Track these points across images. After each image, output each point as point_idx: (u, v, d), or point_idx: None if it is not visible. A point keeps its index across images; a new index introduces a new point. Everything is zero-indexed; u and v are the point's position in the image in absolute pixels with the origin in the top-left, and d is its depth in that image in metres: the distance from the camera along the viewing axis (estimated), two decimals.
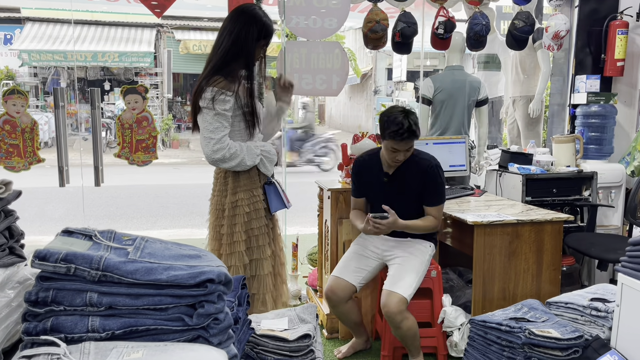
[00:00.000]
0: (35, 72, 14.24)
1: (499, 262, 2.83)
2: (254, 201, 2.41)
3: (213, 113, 2.27)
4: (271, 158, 2.45)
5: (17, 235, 1.33)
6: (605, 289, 2.28)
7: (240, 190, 2.40)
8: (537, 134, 4.51)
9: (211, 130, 2.28)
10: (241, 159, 2.32)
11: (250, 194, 2.41)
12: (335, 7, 3.58)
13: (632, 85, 4.09)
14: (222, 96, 2.26)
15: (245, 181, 2.41)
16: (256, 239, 2.42)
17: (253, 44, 2.34)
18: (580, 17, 4.10)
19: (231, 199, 2.40)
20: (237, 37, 2.31)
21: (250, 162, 2.36)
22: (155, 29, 14.24)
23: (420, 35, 3.84)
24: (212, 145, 2.27)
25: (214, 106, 2.26)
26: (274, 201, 2.47)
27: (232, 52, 2.32)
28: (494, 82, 4.80)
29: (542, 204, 3.48)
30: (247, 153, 2.34)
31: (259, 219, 2.42)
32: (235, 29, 2.32)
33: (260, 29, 2.34)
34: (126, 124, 3.68)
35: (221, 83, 2.28)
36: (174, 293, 1.17)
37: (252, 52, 2.35)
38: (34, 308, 1.14)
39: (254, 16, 2.34)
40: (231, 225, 2.40)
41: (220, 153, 2.28)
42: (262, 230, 2.44)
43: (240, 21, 2.32)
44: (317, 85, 3.66)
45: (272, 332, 1.85)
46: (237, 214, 2.39)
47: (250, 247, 2.41)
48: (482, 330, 2.22)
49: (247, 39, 2.31)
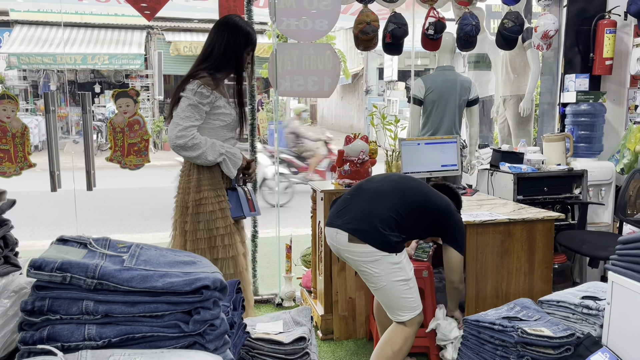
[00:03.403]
0: (25, 75, 14.14)
1: (491, 261, 2.86)
2: (219, 200, 2.47)
3: (188, 102, 2.38)
4: (235, 161, 2.51)
5: (11, 244, 1.33)
6: (596, 287, 2.31)
7: (204, 189, 2.46)
8: (528, 132, 4.55)
9: (181, 117, 2.38)
10: (202, 151, 2.39)
11: (215, 193, 2.47)
12: (325, 8, 3.59)
13: (621, 83, 4.13)
14: (202, 89, 2.39)
15: (209, 180, 2.47)
16: (221, 238, 2.47)
17: (241, 51, 2.54)
18: (569, 17, 4.14)
19: (195, 197, 2.46)
20: (227, 46, 2.50)
21: (211, 157, 2.42)
22: (145, 31, 14.19)
23: (411, 35, 3.87)
24: (177, 130, 2.36)
25: (192, 96, 2.38)
26: (233, 207, 2.53)
27: (224, 60, 2.50)
28: (484, 81, 4.82)
29: (534, 202, 3.51)
30: (210, 148, 2.41)
31: (224, 218, 2.48)
32: (224, 39, 2.51)
33: (246, 38, 2.55)
34: (118, 127, 3.67)
35: (205, 79, 2.42)
36: (169, 300, 1.18)
37: (242, 59, 2.55)
38: (30, 317, 1.15)
39: (239, 27, 2.54)
40: (195, 222, 2.46)
41: (183, 140, 2.36)
42: (228, 229, 2.49)
43: (228, 32, 2.52)
44: (308, 87, 3.67)
45: (267, 336, 1.86)
46: (201, 212, 2.45)
47: (214, 245, 2.46)
48: (476, 329, 2.24)
49: (236, 47, 2.52)
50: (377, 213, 2.30)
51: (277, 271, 3.92)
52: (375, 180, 2.51)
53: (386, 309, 2.42)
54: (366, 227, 2.28)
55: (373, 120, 3.99)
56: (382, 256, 2.27)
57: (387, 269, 2.29)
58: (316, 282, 3.56)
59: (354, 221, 2.31)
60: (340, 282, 3.24)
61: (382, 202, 2.33)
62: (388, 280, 2.30)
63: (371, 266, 2.29)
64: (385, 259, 2.28)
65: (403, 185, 2.44)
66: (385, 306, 2.42)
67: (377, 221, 2.28)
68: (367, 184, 2.49)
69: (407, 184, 2.46)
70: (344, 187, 3.26)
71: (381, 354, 2.39)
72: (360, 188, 2.47)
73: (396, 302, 2.35)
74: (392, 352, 2.36)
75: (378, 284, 2.33)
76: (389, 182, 2.47)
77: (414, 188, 2.44)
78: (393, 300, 2.36)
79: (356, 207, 2.36)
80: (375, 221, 2.28)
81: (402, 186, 2.43)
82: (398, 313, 2.37)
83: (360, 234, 2.28)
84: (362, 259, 2.30)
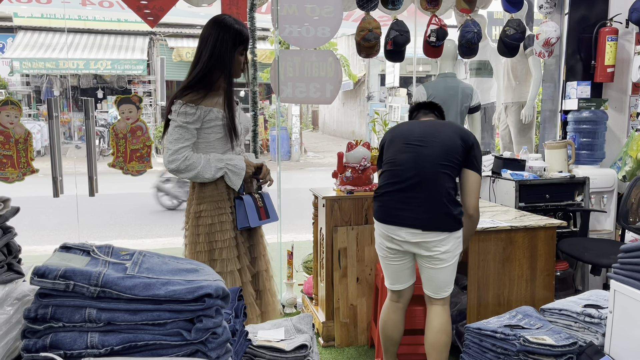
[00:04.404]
0: (28, 80, 14.20)
1: (493, 268, 2.86)
2: (218, 213, 2.38)
3: (175, 124, 2.32)
4: (237, 172, 2.39)
5: (15, 251, 1.34)
6: (599, 295, 2.31)
7: (205, 202, 2.39)
8: (530, 139, 4.55)
9: (170, 141, 2.32)
10: (197, 171, 2.32)
11: (215, 205, 2.39)
12: (328, 15, 3.61)
13: (623, 91, 4.13)
14: (186, 108, 2.29)
15: (211, 192, 2.39)
16: (220, 252, 2.38)
17: (229, 52, 2.35)
18: (571, 24, 4.15)
19: (195, 209, 2.40)
20: (213, 48, 2.33)
21: (209, 175, 2.34)
22: (148, 37, 14.25)
23: (413, 41, 3.88)
24: (169, 155, 2.32)
25: (177, 118, 2.30)
26: (240, 217, 2.42)
27: (210, 64, 2.34)
28: (486, 88, 4.83)
29: (536, 209, 3.51)
30: (205, 166, 2.32)
31: (223, 232, 2.38)
32: (210, 41, 2.34)
33: (235, 37, 2.36)
34: (120, 133, 3.69)
35: (188, 96, 2.31)
36: (172, 308, 1.17)
37: (231, 61, 2.37)
38: (33, 325, 1.15)
39: (225, 25, 2.36)
40: (195, 234, 2.40)
41: (175, 164, 2.30)
42: (227, 243, 2.39)
43: (214, 33, 2.34)
44: (310, 94, 3.68)
45: (269, 343, 1.86)
46: (200, 224, 2.38)
47: (213, 259, 2.37)
48: (477, 337, 2.24)
49: (223, 47, 2.33)
50: (439, 198, 2.34)
51: (279, 277, 3.92)
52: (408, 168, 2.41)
53: (438, 288, 2.45)
54: (437, 215, 2.33)
55: (375, 126, 4.00)
56: (450, 234, 2.36)
57: (455, 245, 2.39)
58: (317, 288, 3.56)
59: (425, 213, 2.34)
60: (342, 289, 3.24)
61: (434, 185, 2.35)
62: (455, 255, 2.40)
63: (442, 247, 2.36)
64: (453, 235, 2.38)
65: (433, 158, 2.39)
66: (439, 286, 2.45)
67: (444, 205, 2.33)
68: (404, 173, 2.41)
69: (434, 154, 2.40)
70: (346, 194, 3.27)
71: (443, 346, 2.44)
72: (401, 178, 2.40)
73: (451, 276, 2.45)
74: (448, 337, 2.46)
75: (447, 262, 2.39)
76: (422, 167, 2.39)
77: (441, 153, 2.40)
78: (451, 275, 2.45)
79: (416, 201, 2.35)
80: (443, 207, 2.33)
81: (435, 161, 2.38)
82: (446, 289, 2.46)
83: (436, 225, 2.33)
84: (434, 245, 2.35)
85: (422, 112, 2.70)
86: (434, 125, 2.53)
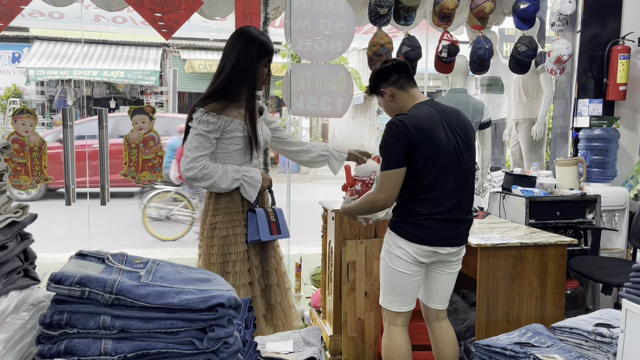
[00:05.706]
0: (42, 90, 14.40)
1: (502, 285, 2.84)
2: (233, 225, 2.38)
3: (195, 132, 2.33)
4: (253, 184, 2.39)
5: (31, 257, 1.36)
6: (610, 314, 2.28)
7: (220, 213, 2.39)
8: (540, 156, 4.55)
9: (189, 149, 2.33)
10: (214, 180, 2.32)
11: (230, 217, 2.39)
12: (340, 30, 3.65)
13: (635, 109, 4.13)
14: (207, 117, 2.30)
15: (226, 204, 2.39)
16: (233, 264, 2.37)
17: (254, 63, 2.37)
18: (583, 42, 4.16)
19: (210, 220, 2.40)
20: (237, 59, 2.35)
21: (225, 185, 2.34)
22: (161, 49, 14.42)
23: (424, 57, 3.91)
24: (186, 162, 2.32)
25: (197, 126, 2.31)
26: (251, 230, 2.40)
27: (233, 74, 2.35)
28: (496, 104, 4.85)
29: (546, 226, 3.49)
30: (222, 176, 2.33)
31: (237, 244, 2.38)
32: (235, 51, 2.36)
33: (260, 48, 2.38)
34: (133, 143, 3.73)
35: (210, 105, 2.33)
36: (185, 317, 1.19)
37: (254, 72, 2.38)
38: (48, 331, 1.16)
39: (250, 37, 2.38)
40: (209, 246, 2.39)
41: (192, 172, 2.31)
42: (240, 256, 2.38)
43: (239, 44, 2.37)
44: (322, 107, 3.71)
45: (278, 355, 1.86)
46: (215, 236, 2.38)
47: (226, 271, 2.36)
48: (487, 354, 2.22)
49: (247, 59, 2.35)
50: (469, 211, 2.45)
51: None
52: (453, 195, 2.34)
53: (447, 296, 2.53)
54: (469, 226, 2.48)
55: None
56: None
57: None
58: (325, 302, 3.55)
59: (467, 229, 2.47)
60: (350, 302, 3.23)
61: (471, 198, 2.47)
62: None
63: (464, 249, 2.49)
64: None
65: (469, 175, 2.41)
66: (449, 293, 2.53)
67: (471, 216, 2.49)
68: (451, 200, 2.33)
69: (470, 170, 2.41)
70: None
71: (457, 357, 2.51)
72: (446, 207, 2.32)
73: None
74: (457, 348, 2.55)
75: (460, 265, 2.50)
76: (464, 190, 2.38)
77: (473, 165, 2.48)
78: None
79: (460, 215, 2.40)
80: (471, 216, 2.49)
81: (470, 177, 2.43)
82: (449, 296, 2.55)
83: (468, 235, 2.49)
84: (462, 248, 2.47)
85: (404, 78, 2.42)
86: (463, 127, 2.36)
